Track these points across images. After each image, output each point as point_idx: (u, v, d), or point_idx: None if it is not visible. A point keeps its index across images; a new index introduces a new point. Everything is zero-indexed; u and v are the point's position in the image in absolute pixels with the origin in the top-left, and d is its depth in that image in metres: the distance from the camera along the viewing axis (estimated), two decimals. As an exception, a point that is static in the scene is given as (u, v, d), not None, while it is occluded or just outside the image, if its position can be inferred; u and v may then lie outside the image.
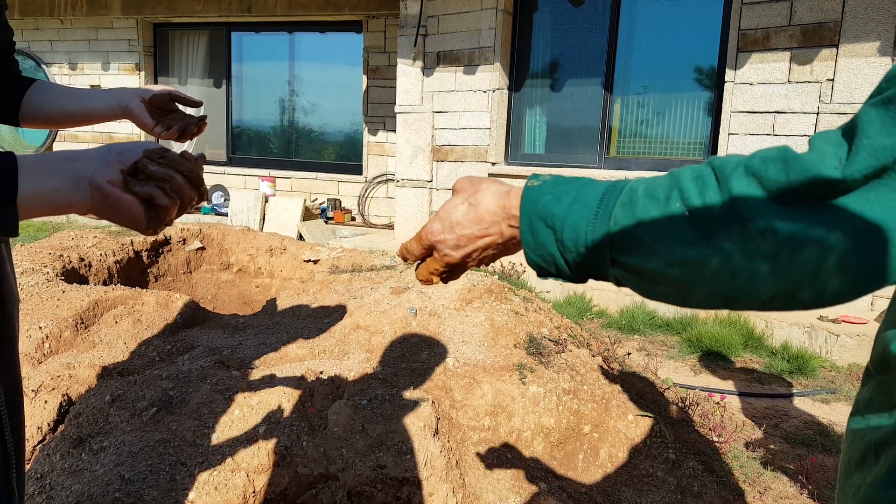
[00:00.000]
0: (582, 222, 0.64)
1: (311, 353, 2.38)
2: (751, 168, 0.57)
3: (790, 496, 2.31)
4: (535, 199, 0.68)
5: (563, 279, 0.70)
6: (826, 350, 3.95)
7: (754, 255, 0.56)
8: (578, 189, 0.67)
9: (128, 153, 0.70)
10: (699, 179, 0.60)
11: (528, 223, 0.68)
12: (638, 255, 0.61)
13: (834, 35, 4.32)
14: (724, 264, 0.57)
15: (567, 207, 0.65)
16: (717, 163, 0.60)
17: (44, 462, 1.72)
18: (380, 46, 7.85)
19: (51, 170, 0.67)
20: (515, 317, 2.59)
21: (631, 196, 0.63)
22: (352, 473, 1.66)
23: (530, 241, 0.68)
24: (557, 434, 2.05)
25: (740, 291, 0.58)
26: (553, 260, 0.67)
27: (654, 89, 5.58)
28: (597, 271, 0.66)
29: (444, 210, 0.76)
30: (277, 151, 9.01)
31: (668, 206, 0.60)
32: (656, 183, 0.63)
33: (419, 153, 6.37)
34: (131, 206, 0.69)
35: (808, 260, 0.54)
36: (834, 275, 0.54)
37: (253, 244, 3.98)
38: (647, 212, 0.61)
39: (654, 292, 0.63)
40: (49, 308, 2.46)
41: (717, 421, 2.64)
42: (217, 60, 9.06)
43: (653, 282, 0.62)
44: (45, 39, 9.49)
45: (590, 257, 0.64)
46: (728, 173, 0.58)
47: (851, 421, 0.72)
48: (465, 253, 0.75)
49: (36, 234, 6.83)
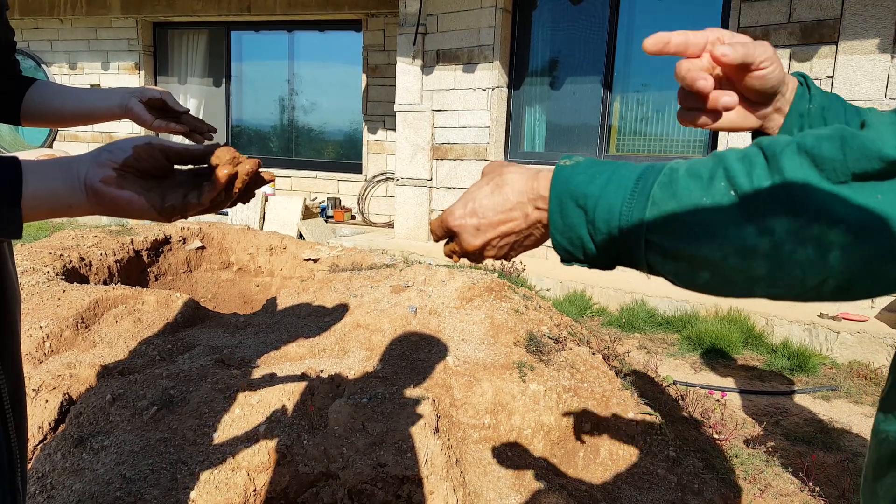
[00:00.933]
0: (617, 202, 0.60)
1: (312, 351, 2.38)
2: (803, 146, 0.54)
3: (791, 493, 2.32)
4: (568, 178, 0.64)
5: (588, 265, 0.66)
6: (826, 347, 3.95)
7: (807, 239, 0.52)
8: (614, 169, 0.63)
9: (118, 151, 0.71)
10: (746, 159, 0.56)
11: (559, 203, 0.64)
12: (677, 238, 0.57)
13: (833, 32, 4.32)
14: (774, 249, 0.53)
15: (601, 187, 0.62)
16: (766, 142, 0.57)
17: (45, 461, 1.72)
18: (379, 45, 7.84)
19: (51, 172, 0.68)
20: (515, 315, 2.59)
21: (672, 176, 0.59)
22: (352, 472, 1.66)
23: (559, 223, 0.64)
24: (558, 432, 2.05)
25: (789, 278, 0.54)
26: (581, 243, 0.64)
27: (653, 87, 5.58)
28: (629, 256, 0.62)
29: (468, 193, 0.73)
30: (277, 150, 9.01)
31: (713, 187, 0.56)
32: (699, 163, 0.59)
33: (419, 152, 6.37)
34: (130, 200, 0.69)
35: (870, 247, 0.50)
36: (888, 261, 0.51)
37: (253, 243, 3.98)
38: (689, 192, 0.57)
39: (692, 279, 0.59)
40: (50, 307, 2.46)
41: (717, 418, 2.64)
42: (216, 59, 9.06)
43: (691, 267, 0.58)
44: (45, 39, 9.49)
45: (623, 240, 0.61)
46: (778, 152, 0.55)
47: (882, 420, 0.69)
48: (486, 239, 0.71)
49: (36, 233, 6.83)
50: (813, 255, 0.52)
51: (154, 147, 0.72)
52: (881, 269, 0.51)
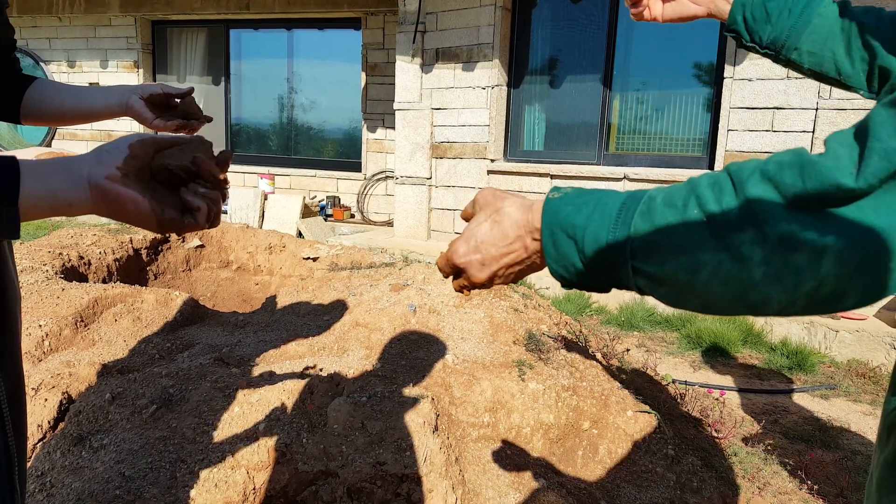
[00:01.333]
0: (602, 232, 0.64)
1: (311, 350, 2.38)
2: (766, 173, 0.57)
3: (789, 492, 2.32)
4: (556, 210, 0.68)
5: (586, 289, 0.70)
6: (825, 346, 3.95)
7: (772, 261, 0.55)
8: (598, 199, 0.67)
9: (116, 151, 0.71)
10: (716, 185, 0.60)
11: (550, 234, 0.68)
12: (657, 263, 0.61)
13: (833, 31, 4.32)
14: (743, 271, 0.57)
15: (587, 218, 0.66)
16: (734, 168, 0.60)
17: (44, 460, 1.72)
18: (378, 43, 7.84)
19: (50, 171, 0.68)
20: (515, 314, 2.59)
21: (650, 205, 0.63)
22: (352, 470, 1.66)
23: (552, 253, 0.68)
24: (557, 430, 2.06)
25: (758, 298, 0.58)
26: (575, 270, 0.68)
27: (653, 85, 5.57)
28: (619, 281, 0.66)
29: (469, 230, 0.77)
30: (276, 149, 9.00)
31: (686, 213, 0.60)
32: (674, 191, 0.63)
33: (418, 150, 6.37)
34: (135, 200, 0.69)
35: (827, 267, 0.53)
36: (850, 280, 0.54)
37: (252, 242, 3.98)
38: (665, 219, 0.61)
39: (676, 299, 0.63)
40: (49, 306, 2.46)
41: (716, 417, 2.65)
42: (216, 58, 9.05)
43: (674, 289, 0.62)
44: (44, 37, 9.48)
45: (611, 266, 0.65)
46: (744, 178, 0.58)
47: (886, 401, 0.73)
48: (492, 272, 0.76)
49: (35, 232, 6.82)
50: (783, 275, 0.55)
51: (147, 143, 0.72)
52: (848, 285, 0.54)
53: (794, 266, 0.54)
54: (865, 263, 0.52)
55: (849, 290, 0.54)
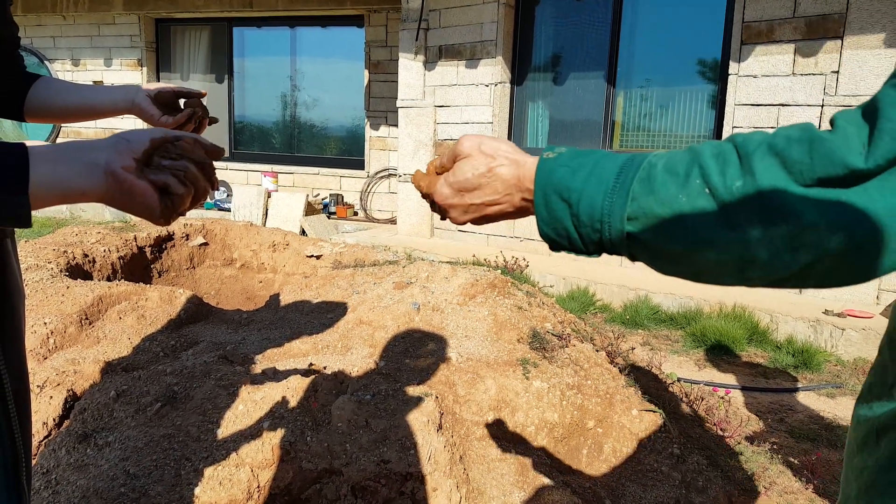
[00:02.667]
0: (598, 197, 0.63)
1: (315, 348, 2.38)
2: (774, 147, 0.56)
3: (795, 491, 2.31)
4: (551, 171, 0.67)
5: (575, 252, 0.69)
6: (831, 344, 3.94)
7: (774, 237, 0.54)
8: (595, 162, 0.66)
9: (137, 141, 0.70)
10: (720, 157, 0.58)
11: (543, 196, 0.67)
12: (654, 232, 0.60)
13: (839, 27, 4.30)
14: (744, 245, 0.56)
15: (583, 181, 0.64)
16: (740, 140, 0.59)
17: (49, 457, 1.72)
18: (381, 41, 7.83)
19: (62, 158, 0.67)
20: (519, 312, 2.59)
21: (650, 171, 0.61)
22: (356, 468, 1.66)
23: (544, 214, 0.67)
24: (561, 429, 2.05)
25: (754, 270, 0.57)
26: (567, 234, 0.67)
27: (657, 82, 5.56)
28: (612, 246, 0.65)
29: (454, 175, 0.75)
30: (279, 147, 9.00)
31: (688, 184, 0.58)
32: (676, 158, 0.61)
33: (421, 148, 6.36)
34: (145, 192, 0.69)
35: (828, 244, 0.53)
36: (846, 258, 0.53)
37: (256, 239, 3.98)
38: (666, 188, 0.59)
39: (669, 268, 0.63)
40: (53, 304, 2.46)
41: (721, 415, 2.64)
42: (219, 55, 9.05)
43: (668, 259, 0.61)
44: (48, 36, 9.49)
45: (606, 232, 0.64)
46: (750, 151, 0.56)
47: (857, 406, 0.72)
48: (472, 218, 0.76)
49: (40, 229, 6.84)
50: (781, 251, 0.55)
51: (169, 138, 0.72)
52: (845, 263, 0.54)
53: (796, 242, 0.54)
54: (866, 243, 0.52)
55: (845, 267, 0.54)
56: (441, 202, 0.77)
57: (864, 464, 0.69)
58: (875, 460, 0.67)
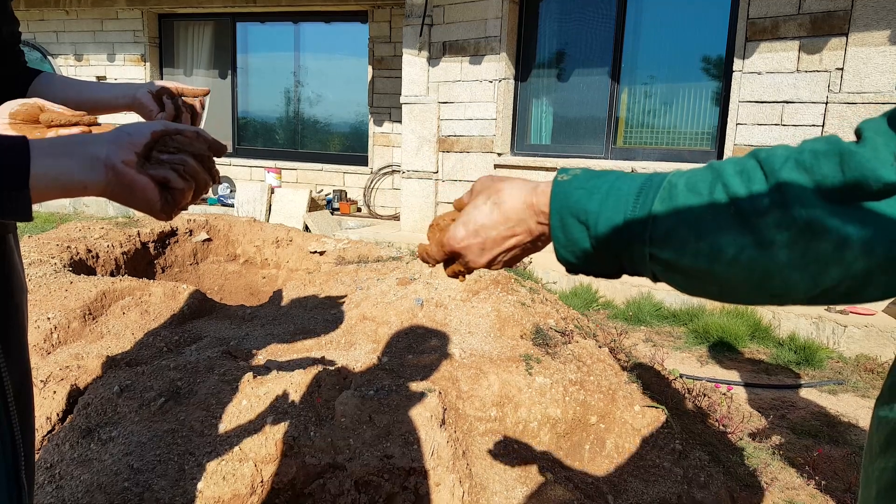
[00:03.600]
0: (618, 218, 0.62)
1: (318, 343, 2.39)
2: (802, 163, 0.54)
3: (797, 487, 2.31)
4: (567, 194, 0.65)
5: (594, 275, 0.68)
6: (834, 341, 3.93)
7: (806, 256, 0.53)
8: (611, 183, 0.64)
9: (138, 134, 0.70)
10: (744, 174, 0.57)
11: (560, 219, 0.66)
12: (679, 252, 0.59)
13: (843, 24, 4.28)
14: (773, 265, 0.55)
15: (601, 202, 0.63)
16: (763, 156, 0.57)
17: (53, 452, 1.73)
18: (385, 37, 7.82)
19: (63, 152, 0.67)
20: (522, 308, 2.59)
21: (671, 191, 0.60)
22: (359, 463, 1.67)
23: (561, 238, 0.66)
24: (564, 425, 2.05)
25: (781, 286, 0.56)
26: (585, 256, 0.66)
27: (661, 79, 5.54)
28: (633, 267, 0.64)
29: (467, 214, 0.73)
30: (283, 143, 9.00)
31: (712, 202, 0.57)
32: (697, 177, 0.60)
33: (425, 144, 6.35)
34: (146, 186, 0.69)
35: (862, 260, 0.52)
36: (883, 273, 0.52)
37: (259, 235, 3.99)
38: (690, 208, 0.58)
39: (695, 288, 0.61)
40: (57, 299, 2.47)
41: (723, 412, 2.64)
42: (222, 51, 9.05)
43: (695, 279, 0.60)
44: (51, 31, 9.49)
45: (627, 253, 0.62)
46: (777, 168, 0.55)
47: (877, 407, 0.71)
48: (491, 257, 0.73)
49: (43, 225, 6.86)
50: (814, 270, 0.53)
51: (169, 131, 0.72)
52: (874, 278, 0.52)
53: (821, 255, 0.52)
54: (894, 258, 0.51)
55: (874, 283, 0.53)
56: (457, 246, 0.73)
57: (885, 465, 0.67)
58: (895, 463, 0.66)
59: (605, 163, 5.50)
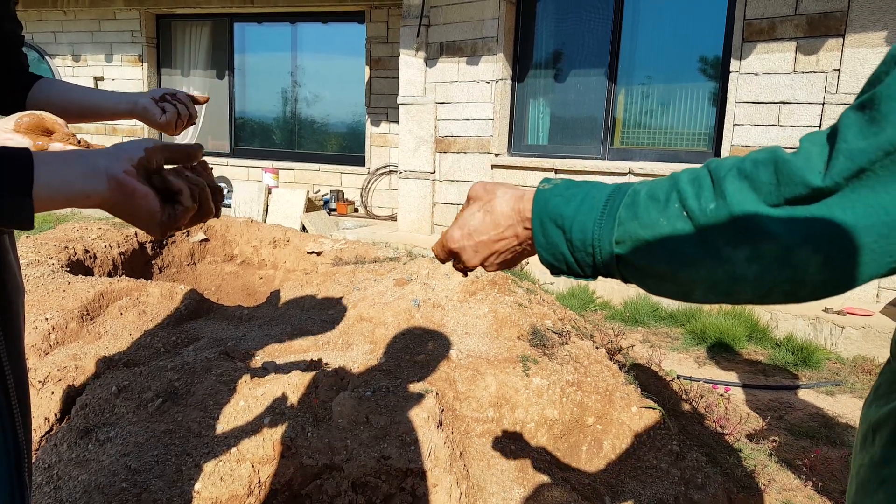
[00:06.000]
0: (589, 222, 0.68)
1: (316, 344, 2.38)
2: (743, 171, 0.59)
3: (794, 488, 2.32)
4: (546, 200, 0.72)
5: (574, 276, 0.73)
6: (831, 342, 3.94)
7: (747, 256, 0.58)
8: (587, 191, 0.71)
9: (133, 149, 0.73)
10: (696, 182, 0.63)
11: (540, 224, 0.72)
12: (640, 254, 0.65)
13: (840, 24, 4.29)
14: (719, 264, 0.60)
15: (575, 208, 0.69)
16: (714, 165, 0.63)
17: (51, 452, 1.73)
18: (382, 37, 7.81)
19: (66, 162, 0.69)
20: (519, 309, 2.59)
21: (634, 198, 0.66)
22: (356, 464, 1.67)
23: (542, 241, 0.72)
24: (561, 426, 2.05)
25: (735, 288, 0.61)
26: (564, 258, 0.71)
27: (658, 80, 5.55)
28: (605, 269, 0.69)
29: (462, 218, 0.81)
30: (280, 143, 9.00)
31: (668, 208, 0.63)
32: (658, 185, 0.66)
33: (422, 144, 6.35)
34: (147, 195, 0.72)
35: (798, 260, 0.56)
36: (819, 273, 0.56)
37: (256, 236, 3.98)
38: (648, 213, 0.64)
39: (657, 289, 0.67)
40: (55, 299, 2.46)
41: (721, 413, 2.64)
42: (220, 51, 9.04)
43: (655, 279, 0.66)
44: (48, 31, 9.48)
45: (598, 255, 0.68)
46: (722, 176, 0.61)
47: (864, 407, 0.76)
48: (483, 257, 0.80)
49: (41, 225, 6.84)
50: (755, 267, 0.58)
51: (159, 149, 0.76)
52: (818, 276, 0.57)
53: (768, 258, 0.57)
54: (835, 257, 0.55)
55: (818, 281, 0.57)
56: (453, 246, 0.81)
57: (861, 461, 0.72)
58: (870, 457, 0.70)
59: (601, 163, 5.51)
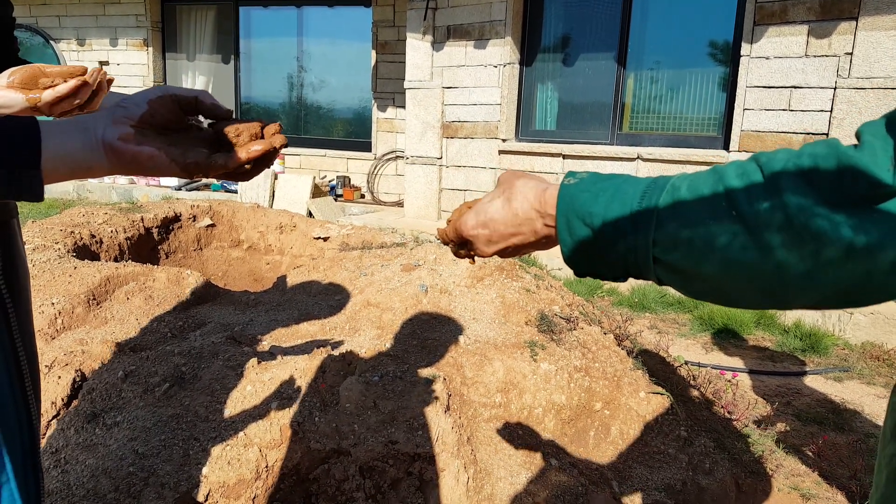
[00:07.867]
0: (622, 220, 0.62)
1: (323, 329, 2.38)
2: (801, 166, 0.54)
3: (802, 473, 2.31)
4: (573, 197, 0.66)
5: (600, 277, 0.68)
6: (839, 328, 3.92)
7: (805, 257, 0.53)
8: (617, 186, 0.65)
9: (133, 106, 0.69)
10: (745, 177, 0.57)
11: (566, 222, 0.66)
12: (682, 255, 0.59)
13: (853, 7, 4.22)
14: (773, 268, 0.55)
15: (605, 205, 0.64)
16: (764, 160, 0.58)
17: (58, 437, 1.74)
18: (389, 21, 7.75)
19: (69, 133, 0.66)
20: (526, 294, 2.58)
21: (674, 194, 0.61)
22: (364, 449, 1.67)
23: (568, 240, 0.67)
24: (569, 411, 2.05)
25: (789, 294, 0.56)
26: (591, 258, 0.66)
27: (667, 64, 5.48)
28: (637, 270, 0.64)
29: (481, 204, 0.76)
30: (286, 128, 8.96)
31: (714, 206, 0.58)
32: (700, 180, 0.60)
33: (429, 130, 6.32)
34: (151, 156, 0.68)
35: (860, 263, 0.51)
36: (885, 277, 0.52)
37: (263, 221, 3.98)
38: (691, 211, 0.59)
39: (700, 291, 0.62)
40: (61, 284, 2.46)
41: (728, 399, 2.63)
42: (225, 36, 8.99)
43: (698, 281, 0.60)
44: (53, 15, 9.44)
45: (632, 256, 0.63)
46: (777, 171, 0.56)
47: (893, 393, 0.71)
48: (497, 249, 0.76)
49: (47, 210, 6.86)
50: (813, 272, 0.53)
51: (167, 98, 0.71)
52: (882, 282, 0.52)
53: (827, 261, 0.52)
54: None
55: (884, 286, 0.53)
56: (467, 233, 0.77)
57: (892, 451, 0.68)
58: None
59: (610, 149, 5.47)
